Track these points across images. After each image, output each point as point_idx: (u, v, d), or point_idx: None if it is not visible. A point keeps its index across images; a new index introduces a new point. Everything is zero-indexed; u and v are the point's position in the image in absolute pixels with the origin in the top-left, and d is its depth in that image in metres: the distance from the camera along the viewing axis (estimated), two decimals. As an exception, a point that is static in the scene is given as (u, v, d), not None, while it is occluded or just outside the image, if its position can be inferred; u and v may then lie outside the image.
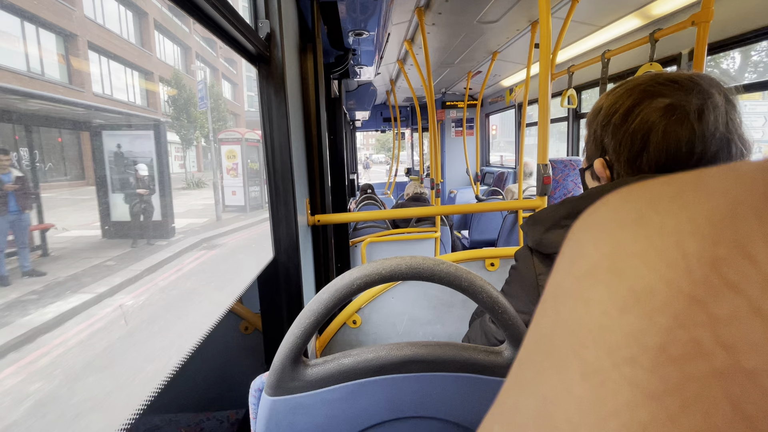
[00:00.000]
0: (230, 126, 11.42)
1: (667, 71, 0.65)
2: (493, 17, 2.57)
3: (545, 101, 1.47)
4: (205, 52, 8.99)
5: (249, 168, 7.16)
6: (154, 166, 2.95)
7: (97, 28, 3.89)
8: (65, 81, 2.75)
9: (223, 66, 10.56)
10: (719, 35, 1.90)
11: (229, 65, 11.26)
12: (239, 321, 1.35)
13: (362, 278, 0.51)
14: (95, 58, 3.74)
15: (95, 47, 3.73)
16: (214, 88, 9.08)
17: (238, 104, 12.17)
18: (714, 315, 0.08)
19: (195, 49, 8.05)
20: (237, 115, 11.94)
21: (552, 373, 0.10)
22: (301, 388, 0.53)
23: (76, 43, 3.03)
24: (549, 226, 0.69)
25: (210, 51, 9.39)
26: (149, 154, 2.92)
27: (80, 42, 3.11)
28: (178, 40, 7.21)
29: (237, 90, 12.25)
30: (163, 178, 3.10)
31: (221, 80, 10.58)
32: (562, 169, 2.62)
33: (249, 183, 7.03)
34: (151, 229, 2.77)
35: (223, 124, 8.25)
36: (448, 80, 4.83)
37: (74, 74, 2.89)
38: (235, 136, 7.19)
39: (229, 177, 6.95)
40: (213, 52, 9.48)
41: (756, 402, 0.07)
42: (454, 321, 1.31)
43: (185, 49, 7.54)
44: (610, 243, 0.11)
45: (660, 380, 0.08)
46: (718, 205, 0.09)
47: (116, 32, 4.52)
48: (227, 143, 7.08)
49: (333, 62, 2.21)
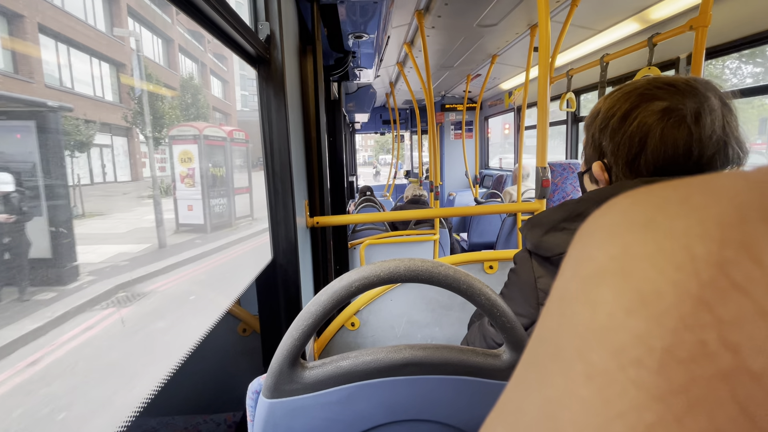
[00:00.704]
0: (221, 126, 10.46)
1: (664, 75, 0.65)
2: (493, 21, 2.58)
3: (544, 104, 1.47)
4: (189, 45, 8.44)
5: (212, 175, 5.61)
6: (38, 175, 1.89)
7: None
8: None
9: (211, 61, 10.08)
10: (717, 39, 1.91)
11: (219, 61, 10.83)
12: (237, 323, 1.35)
13: (361, 280, 0.51)
14: None
15: None
16: (192, 81, 8.29)
17: (229, 103, 11.62)
18: (720, 317, 0.08)
19: (178, 41, 7.50)
20: (227, 114, 11.44)
21: (557, 374, 0.10)
22: (298, 390, 0.53)
23: None
24: (547, 229, 0.69)
25: (197, 45, 8.91)
26: (27, 158, 1.77)
27: None
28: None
29: (228, 87, 11.76)
30: (56, 192, 2.01)
31: (209, 75, 9.98)
32: (561, 172, 2.63)
33: (211, 194, 5.43)
34: (27, 273, 1.74)
35: (205, 122, 7.27)
36: (447, 83, 4.84)
37: None
38: (190, 133, 5.39)
39: (184, 186, 5.17)
40: (201, 46, 9.02)
41: (761, 403, 0.08)
42: (452, 324, 1.31)
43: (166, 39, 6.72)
44: (617, 245, 0.11)
45: (666, 382, 0.08)
46: (726, 209, 0.09)
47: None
48: (180, 142, 5.30)
49: (333, 64, 2.22)
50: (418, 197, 3.29)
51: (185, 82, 7.74)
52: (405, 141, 8.20)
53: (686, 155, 0.58)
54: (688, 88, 0.59)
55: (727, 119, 0.58)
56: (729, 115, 0.59)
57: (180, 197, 5.16)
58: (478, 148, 4.91)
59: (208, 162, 5.52)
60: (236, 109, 12.06)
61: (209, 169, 5.54)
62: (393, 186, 6.42)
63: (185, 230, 5.04)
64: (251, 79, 13.65)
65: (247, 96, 14.58)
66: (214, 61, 10.52)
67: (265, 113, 1.19)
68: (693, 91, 0.59)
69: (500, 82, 4.61)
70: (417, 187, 3.40)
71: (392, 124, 6.22)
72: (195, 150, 5.29)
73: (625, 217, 0.11)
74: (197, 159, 5.29)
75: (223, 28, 0.90)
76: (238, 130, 6.88)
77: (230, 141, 6.18)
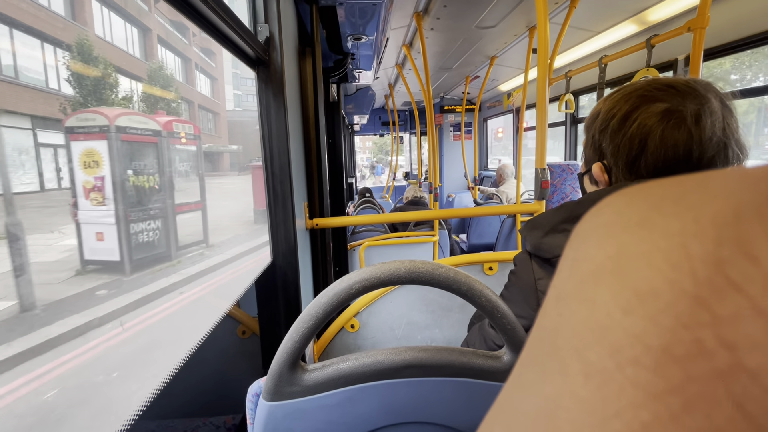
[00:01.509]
0: (211, 129, 8.59)
1: (663, 76, 0.65)
2: (491, 22, 2.59)
3: (543, 106, 1.48)
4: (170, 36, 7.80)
5: (136, 187, 3.87)
6: None
7: None
8: None
9: (196, 55, 9.26)
10: (716, 41, 1.91)
11: (206, 56, 10.13)
12: (236, 325, 1.34)
13: (361, 282, 0.50)
14: None
15: None
16: (162, 71, 7.07)
17: (218, 101, 10.86)
18: (717, 315, 0.08)
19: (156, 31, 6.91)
20: (216, 113, 10.71)
21: (555, 374, 0.10)
22: (298, 393, 0.53)
23: None
24: (547, 230, 0.69)
25: (181, 38, 8.28)
26: None
27: None
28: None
29: (216, 85, 11.00)
30: None
31: (193, 70, 8.96)
32: (560, 173, 2.63)
33: (135, 215, 3.74)
34: None
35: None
36: (446, 85, 4.85)
37: None
38: (95, 124, 3.57)
39: (90, 205, 3.49)
40: (184, 39, 8.36)
41: (758, 401, 0.08)
42: (452, 325, 1.30)
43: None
44: (614, 245, 0.11)
45: (663, 380, 0.08)
46: (722, 207, 0.09)
47: None
48: (82, 137, 3.53)
49: (332, 66, 2.22)
50: (419, 198, 3.29)
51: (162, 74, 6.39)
52: (404, 143, 8.22)
53: (686, 157, 0.58)
54: (688, 89, 0.59)
55: (728, 121, 0.58)
56: (729, 116, 0.59)
57: (84, 220, 3.41)
58: (477, 149, 4.92)
59: (127, 167, 3.76)
60: (225, 109, 11.25)
61: (130, 178, 3.76)
62: (392, 187, 6.42)
63: (93, 270, 3.31)
64: (245, 78, 12.99)
65: (240, 96, 14.08)
66: (200, 55, 9.62)
67: (264, 115, 1.19)
68: (693, 93, 0.59)
69: (499, 84, 4.62)
70: (417, 189, 3.40)
71: (391, 125, 6.23)
72: (104, 149, 3.49)
73: (620, 216, 0.11)
74: (108, 163, 3.48)
75: (222, 31, 0.90)
76: (183, 121, 5.17)
77: (168, 137, 4.41)
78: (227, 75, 11.63)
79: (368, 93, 4.17)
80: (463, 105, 4.71)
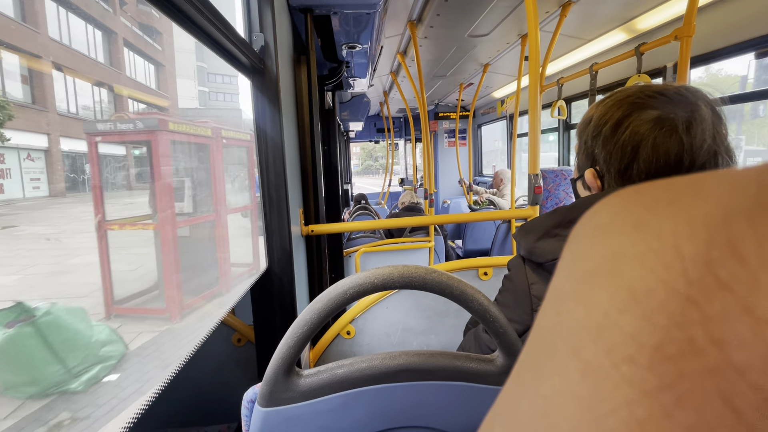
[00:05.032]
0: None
1: (655, 83, 0.66)
2: (484, 31, 2.62)
3: (535, 112, 1.50)
4: None
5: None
6: None
7: None
8: None
9: (127, 30, 6.56)
10: (703, 48, 1.96)
11: (146, 34, 7.82)
12: (232, 333, 1.34)
13: (355, 287, 0.51)
14: None
15: None
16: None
17: (165, 94, 9.12)
18: (707, 314, 0.09)
19: None
20: (162, 108, 9.06)
21: (552, 373, 0.11)
22: (294, 398, 0.53)
23: None
24: (540, 235, 0.69)
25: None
26: None
27: None
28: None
29: (162, 73, 9.01)
30: None
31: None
32: (553, 178, 2.66)
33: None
34: None
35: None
36: (440, 92, 4.89)
37: None
38: None
39: None
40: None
41: (744, 396, 0.08)
42: (448, 331, 1.31)
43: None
44: (609, 246, 0.11)
45: (656, 377, 0.09)
46: (712, 210, 0.10)
47: None
48: None
49: (327, 74, 2.24)
50: (414, 205, 3.30)
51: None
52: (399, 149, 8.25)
53: (678, 164, 0.59)
54: (678, 96, 0.60)
55: (717, 128, 0.59)
56: (719, 123, 0.60)
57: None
58: (471, 155, 4.96)
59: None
60: (177, 105, 9.34)
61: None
62: (388, 194, 6.43)
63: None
64: (215, 74, 11.48)
65: (205, 92, 12.06)
66: (133, 30, 7.08)
67: (259, 122, 1.20)
68: (683, 100, 0.59)
69: (492, 91, 4.67)
70: (413, 195, 3.41)
71: (386, 132, 6.25)
72: None
73: (616, 218, 0.12)
74: None
75: (218, 40, 0.91)
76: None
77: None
78: (186, 67, 9.77)
79: (363, 100, 4.19)
80: (457, 112, 4.75)
